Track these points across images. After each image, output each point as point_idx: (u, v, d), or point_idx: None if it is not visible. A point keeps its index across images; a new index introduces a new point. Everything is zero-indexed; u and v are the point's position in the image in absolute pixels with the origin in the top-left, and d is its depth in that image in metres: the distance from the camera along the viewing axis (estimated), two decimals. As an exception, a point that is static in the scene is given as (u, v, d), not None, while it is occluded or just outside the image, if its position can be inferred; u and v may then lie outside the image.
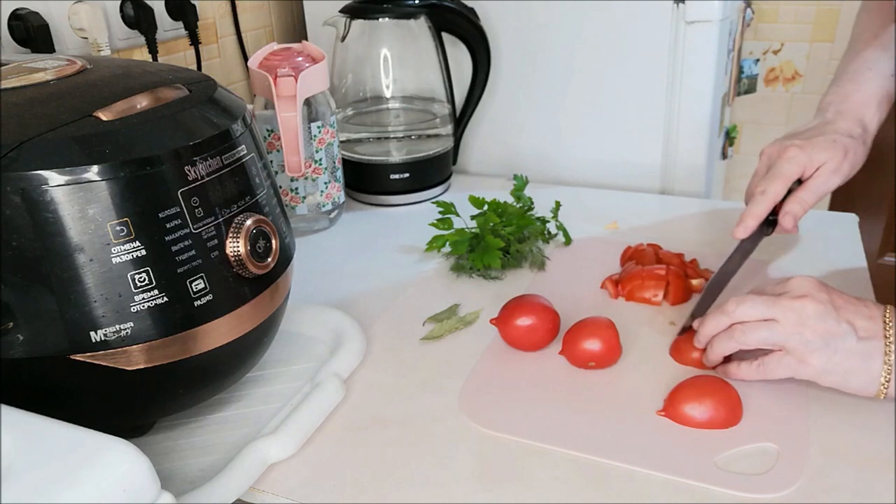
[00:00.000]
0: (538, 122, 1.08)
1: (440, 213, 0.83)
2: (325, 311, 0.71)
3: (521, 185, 0.88)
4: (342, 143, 1.01)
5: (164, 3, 0.93)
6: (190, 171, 0.47)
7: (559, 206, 0.87)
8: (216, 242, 0.48)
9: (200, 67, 1.02)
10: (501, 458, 0.54)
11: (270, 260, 0.52)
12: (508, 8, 1.03)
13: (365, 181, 1.01)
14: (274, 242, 0.53)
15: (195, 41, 0.99)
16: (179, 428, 0.58)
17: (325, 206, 0.92)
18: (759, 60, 1.73)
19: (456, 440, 0.56)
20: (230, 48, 1.11)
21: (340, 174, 0.93)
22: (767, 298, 0.56)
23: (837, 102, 0.71)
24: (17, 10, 0.77)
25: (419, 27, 0.99)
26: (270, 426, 0.57)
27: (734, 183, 1.76)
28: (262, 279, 0.52)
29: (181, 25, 0.96)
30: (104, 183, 0.43)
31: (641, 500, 0.50)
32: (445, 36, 1.01)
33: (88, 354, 0.44)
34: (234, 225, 0.49)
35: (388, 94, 1.03)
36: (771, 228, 0.69)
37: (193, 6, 0.96)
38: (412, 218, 0.96)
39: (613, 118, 1.03)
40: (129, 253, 0.44)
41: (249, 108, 0.58)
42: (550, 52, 1.03)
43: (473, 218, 0.83)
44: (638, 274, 0.74)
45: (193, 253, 0.47)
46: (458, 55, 1.04)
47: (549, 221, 0.86)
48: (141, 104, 0.47)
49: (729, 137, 1.30)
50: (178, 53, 1.00)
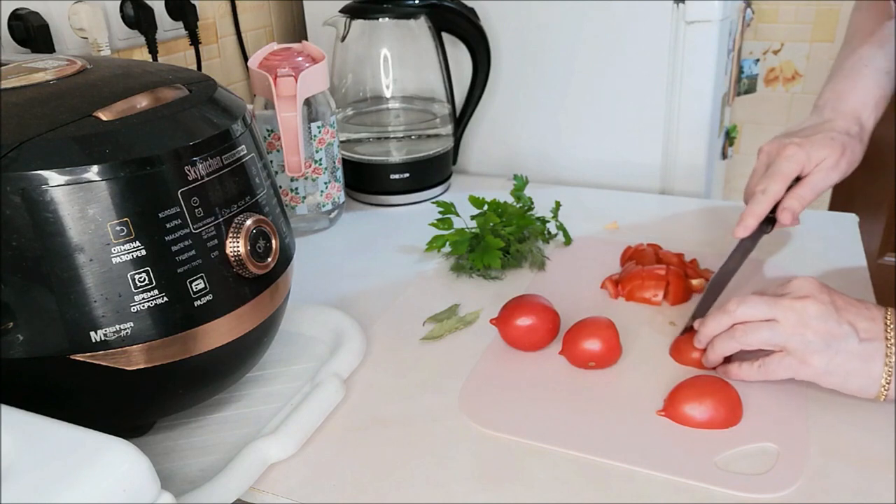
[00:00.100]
0: (538, 122, 1.08)
1: (440, 213, 0.83)
2: (325, 311, 0.71)
3: (521, 185, 0.88)
4: (342, 143, 1.01)
5: (164, 3, 0.93)
6: (190, 171, 0.47)
7: (559, 206, 0.87)
8: (216, 242, 0.48)
9: (200, 67, 1.02)
10: (501, 458, 0.54)
11: (270, 260, 0.52)
12: (508, 8, 1.03)
13: (365, 181, 1.01)
14: (274, 242, 0.53)
15: (195, 41, 0.99)
16: (179, 428, 0.58)
17: (325, 206, 0.92)
18: (759, 60, 1.74)
19: (456, 440, 0.56)
20: (230, 48, 1.11)
21: (340, 174, 0.93)
22: (769, 299, 0.56)
23: (834, 100, 0.71)
24: (17, 10, 0.77)
25: (419, 27, 0.99)
26: (270, 426, 0.57)
27: (734, 183, 1.76)
28: (262, 279, 0.52)
29: (181, 25, 0.96)
30: (104, 183, 0.43)
31: (641, 500, 0.50)
32: (445, 36, 1.01)
33: (88, 354, 0.44)
34: (234, 225, 0.49)
35: (388, 94, 1.03)
36: (771, 226, 0.69)
37: (193, 6, 0.96)
38: (412, 218, 0.96)
39: (613, 118, 1.03)
40: (129, 253, 0.44)
41: (249, 108, 0.58)
42: (550, 52, 1.03)
43: (473, 218, 0.83)
44: (638, 274, 0.74)
45: (193, 253, 0.47)
46: (458, 55, 1.04)
47: (549, 221, 0.86)
48: (141, 104, 0.47)
49: (729, 137, 1.30)
50: (178, 53, 1.00)
